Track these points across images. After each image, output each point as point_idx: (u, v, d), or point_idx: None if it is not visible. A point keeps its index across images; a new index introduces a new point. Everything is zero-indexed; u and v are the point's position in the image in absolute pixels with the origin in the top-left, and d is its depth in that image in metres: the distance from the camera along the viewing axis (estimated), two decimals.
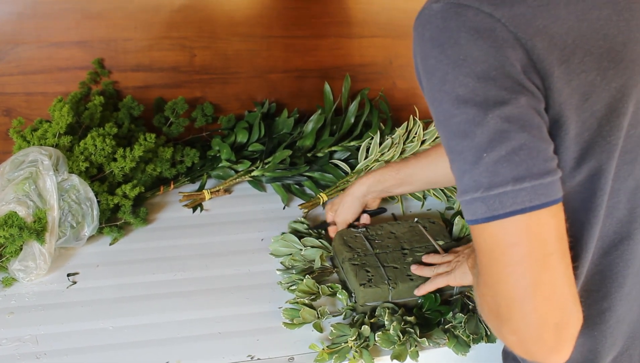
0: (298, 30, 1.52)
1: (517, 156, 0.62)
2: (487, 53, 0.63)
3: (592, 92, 0.65)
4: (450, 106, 0.64)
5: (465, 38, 0.63)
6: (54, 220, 1.14)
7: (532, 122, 0.63)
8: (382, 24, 1.54)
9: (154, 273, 1.16)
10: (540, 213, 0.62)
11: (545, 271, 0.61)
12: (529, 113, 0.63)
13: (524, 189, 0.61)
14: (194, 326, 1.04)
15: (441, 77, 0.65)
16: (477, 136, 0.62)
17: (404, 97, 1.63)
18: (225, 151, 1.44)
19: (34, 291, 1.11)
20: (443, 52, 0.64)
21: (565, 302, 0.62)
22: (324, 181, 1.43)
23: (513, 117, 0.62)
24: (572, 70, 0.64)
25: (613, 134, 0.67)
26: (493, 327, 0.67)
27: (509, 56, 0.63)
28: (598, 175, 0.68)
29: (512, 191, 0.61)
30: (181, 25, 1.45)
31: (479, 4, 0.64)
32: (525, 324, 0.61)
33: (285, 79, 1.57)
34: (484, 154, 0.62)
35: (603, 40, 0.65)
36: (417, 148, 1.40)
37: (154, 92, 1.51)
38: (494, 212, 0.62)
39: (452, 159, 0.66)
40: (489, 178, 0.62)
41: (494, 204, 0.62)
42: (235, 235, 1.27)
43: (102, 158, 1.27)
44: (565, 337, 0.62)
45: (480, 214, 0.63)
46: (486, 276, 0.65)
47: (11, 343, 1.00)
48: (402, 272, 1.07)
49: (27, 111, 1.44)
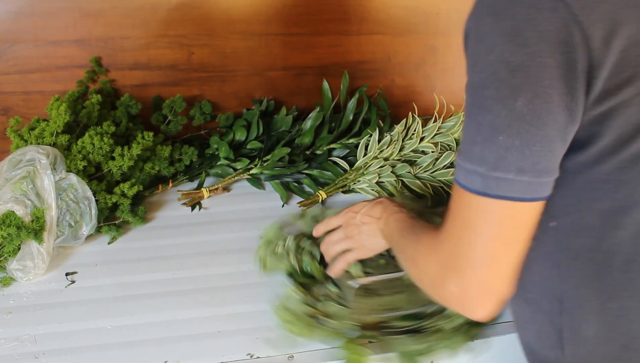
0: (296, 27, 1.51)
1: (528, 150, 0.64)
2: (539, 36, 0.62)
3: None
4: (488, 77, 0.65)
5: (522, 14, 0.63)
6: (52, 219, 1.13)
7: (556, 120, 0.64)
8: (381, 21, 1.54)
9: (152, 272, 1.16)
10: (526, 205, 0.67)
11: (507, 252, 0.69)
12: (557, 110, 0.64)
13: (523, 182, 0.65)
14: (193, 325, 1.03)
15: (489, 46, 0.65)
16: (501, 116, 0.64)
17: (402, 94, 1.63)
18: (224, 149, 1.44)
19: (32, 290, 1.11)
20: (498, 22, 0.64)
21: (509, 279, 0.71)
22: (323, 179, 1.43)
23: (541, 112, 0.63)
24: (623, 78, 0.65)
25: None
26: (434, 278, 0.74)
27: (562, 42, 0.62)
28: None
29: (512, 180, 0.65)
30: (179, 23, 1.45)
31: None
32: (473, 283, 0.70)
33: (283, 76, 1.57)
34: (500, 136, 0.64)
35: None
36: (415, 144, 1.40)
37: (152, 90, 1.51)
38: (488, 190, 0.66)
39: (467, 124, 0.68)
40: (496, 160, 0.65)
41: (490, 184, 0.66)
42: (234, 233, 1.27)
43: (100, 157, 1.27)
44: (496, 304, 0.72)
45: (474, 186, 0.67)
46: (452, 234, 0.72)
47: (9, 343, 0.99)
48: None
49: (25, 110, 1.44)
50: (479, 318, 0.73)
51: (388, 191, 1.36)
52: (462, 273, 0.70)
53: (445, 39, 1.58)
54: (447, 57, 1.61)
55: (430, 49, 1.59)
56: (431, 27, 1.55)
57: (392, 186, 1.36)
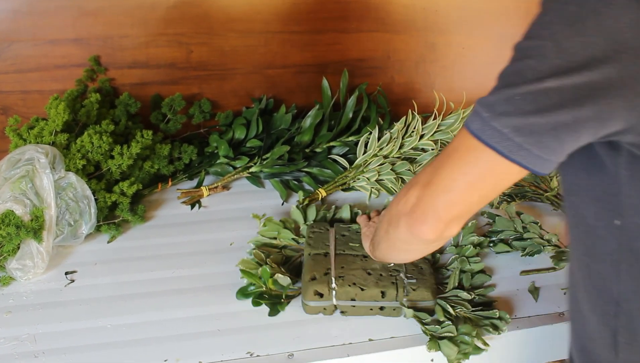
0: (296, 25, 1.51)
1: (540, 119, 0.63)
2: (599, 29, 0.60)
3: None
4: (533, 48, 0.63)
5: (590, 4, 0.60)
6: (52, 218, 1.13)
7: (577, 131, 0.63)
8: (380, 19, 1.54)
9: (152, 271, 1.16)
10: (512, 166, 0.67)
11: (467, 193, 0.71)
12: (583, 125, 0.63)
13: (513, 142, 0.65)
14: (193, 323, 1.03)
15: (547, 21, 0.63)
16: (527, 84, 0.63)
17: (402, 91, 1.62)
18: (223, 147, 1.44)
19: (32, 290, 1.11)
20: (565, 2, 0.62)
21: (458, 219, 0.75)
22: (323, 177, 1.43)
23: (566, 123, 0.62)
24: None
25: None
26: (402, 192, 0.78)
27: (621, 43, 0.60)
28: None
29: (504, 135, 0.65)
30: (178, 21, 1.44)
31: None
32: (428, 201, 0.74)
33: (283, 74, 1.56)
34: (517, 96, 0.63)
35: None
36: (415, 142, 1.39)
37: (151, 89, 1.50)
38: (482, 136, 0.66)
39: (499, 77, 0.67)
40: (504, 110, 0.64)
41: (486, 131, 0.66)
42: (234, 231, 1.27)
43: (99, 156, 1.27)
44: (438, 231, 0.75)
45: (471, 126, 0.68)
46: (436, 159, 0.74)
47: (9, 342, 0.99)
48: (348, 278, 1.05)
49: (24, 109, 1.44)
50: (420, 235, 0.76)
51: (388, 188, 1.36)
52: (424, 188, 0.74)
53: (444, 37, 1.58)
54: (447, 54, 1.60)
55: (429, 47, 1.59)
56: (430, 24, 1.55)
57: (392, 184, 1.36)
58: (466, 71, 1.64)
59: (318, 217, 1.26)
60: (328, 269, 1.06)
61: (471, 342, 0.97)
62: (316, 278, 1.04)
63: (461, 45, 1.60)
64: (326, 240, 1.14)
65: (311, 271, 1.06)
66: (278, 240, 1.20)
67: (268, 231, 1.21)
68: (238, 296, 1.07)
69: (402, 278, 1.05)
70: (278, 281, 1.05)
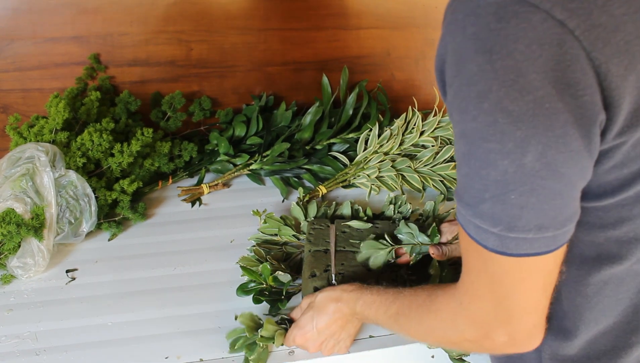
0: (295, 22, 1.51)
1: (547, 205, 0.57)
2: (545, 77, 0.52)
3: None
4: (485, 128, 0.55)
5: (522, 52, 0.52)
6: (52, 216, 1.13)
7: (575, 167, 0.56)
8: (379, 16, 1.54)
9: (153, 268, 1.16)
10: (552, 254, 0.61)
11: (545, 295, 0.65)
12: (575, 157, 0.56)
13: (545, 238, 0.59)
14: (194, 321, 1.03)
15: (481, 91, 0.54)
16: (509, 173, 0.56)
17: (402, 88, 1.62)
18: (224, 144, 1.44)
19: (33, 288, 1.11)
20: (490, 62, 0.53)
21: (544, 315, 0.66)
22: (323, 174, 1.43)
23: (556, 164, 0.55)
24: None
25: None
26: (475, 338, 0.69)
27: (573, 83, 0.52)
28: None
29: (532, 239, 0.58)
30: (177, 19, 1.44)
31: (550, 6, 0.51)
32: (521, 329, 0.65)
33: (282, 71, 1.56)
34: (511, 195, 0.56)
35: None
36: (415, 139, 1.39)
37: (151, 86, 1.50)
38: (508, 250, 0.60)
39: (469, 175, 0.59)
40: (511, 220, 0.58)
41: (509, 244, 0.59)
42: (235, 228, 1.27)
43: (100, 154, 1.27)
44: (543, 333, 0.68)
45: (490, 244, 0.61)
46: (481, 291, 0.66)
47: (10, 340, 0.99)
48: (348, 275, 1.04)
49: (24, 108, 1.44)
50: (530, 350, 0.69)
51: (388, 185, 1.36)
52: (507, 325, 0.65)
53: None
54: None
55: (429, 43, 1.58)
56: (430, 20, 1.55)
57: (392, 181, 1.36)
58: None
59: (319, 214, 1.26)
60: (328, 266, 1.06)
61: None
62: (316, 275, 1.04)
63: None
64: (326, 236, 1.14)
65: (311, 268, 1.06)
66: (278, 237, 1.20)
67: (268, 227, 1.21)
68: (238, 293, 1.07)
69: (402, 275, 1.05)
70: (278, 278, 1.05)
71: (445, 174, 1.35)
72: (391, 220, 1.23)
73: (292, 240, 1.19)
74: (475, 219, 0.60)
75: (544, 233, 0.58)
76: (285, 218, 1.23)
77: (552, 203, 0.57)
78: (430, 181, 1.35)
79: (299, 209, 1.25)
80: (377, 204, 1.34)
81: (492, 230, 0.59)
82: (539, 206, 0.57)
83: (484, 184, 0.58)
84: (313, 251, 1.10)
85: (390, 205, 1.27)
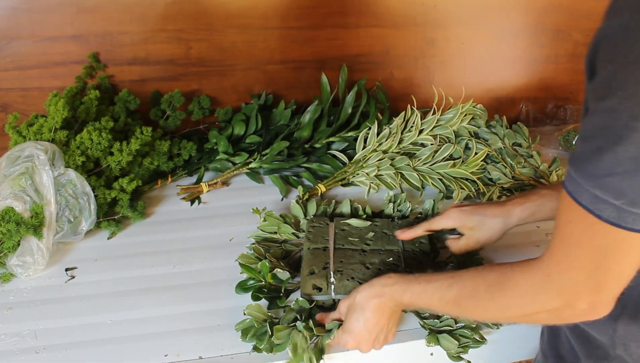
0: (295, 21, 1.51)
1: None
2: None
3: None
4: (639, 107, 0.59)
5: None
6: (51, 215, 1.14)
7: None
8: (379, 14, 1.54)
9: (152, 267, 1.16)
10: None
11: (633, 271, 0.68)
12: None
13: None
14: (193, 318, 1.03)
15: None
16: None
17: (401, 87, 1.62)
18: (223, 143, 1.44)
19: (32, 286, 1.11)
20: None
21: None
22: (322, 172, 1.43)
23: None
24: None
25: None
26: (557, 308, 0.71)
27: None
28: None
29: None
30: (177, 17, 1.44)
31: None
32: (605, 299, 0.69)
33: (282, 70, 1.56)
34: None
35: None
36: (414, 137, 1.39)
37: (150, 85, 1.50)
38: (624, 223, 0.63)
39: (601, 148, 0.62)
40: (636, 196, 0.61)
41: (627, 218, 0.62)
42: (234, 227, 1.27)
43: (99, 152, 1.27)
44: (611, 306, 0.71)
45: (606, 216, 0.64)
46: (579, 261, 0.68)
47: (10, 338, 1.00)
48: (346, 273, 1.05)
49: (23, 106, 1.44)
50: (600, 317, 0.72)
51: (387, 183, 1.36)
52: (594, 295, 0.69)
53: (443, 31, 1.58)
54: (446, 49, 1.60)
55: (428, 42, 1.59)
56: (429, 19, 1.55)
57: (391, 179, 1.36)
58: (465, 66, 1.64)
59: (318, 212, 1.26)
60: (327, 263, 1.06)
61: (470, 335, 0.97)
62: (315, 272, 1.05)
63: (460, 40, 1.60)
64: (325, 234, 1.14)
65: (310, 266, 1.06)
66: (278, 235, 1.20)
67: (268, 225, 1.21)
68: (237, 290, 1.07)
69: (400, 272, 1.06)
70: (277, 275, 1.05)
71: (444, 173, 1.35)
72: (390, 218, 1.24)
73: (292, 237, 1.20)
74: (595, 190, 0.63)
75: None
76: (284, 216, 1.23)
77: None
78: (429, 179, 1.36)
79: (299, 207, 1.25)
80: (376, 203, 1.34)
81: (612, 202, 0.62)
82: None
83: (618, 159, 0.61)
84: (312, 249, 1.10)
85: (390, 203, 1.27)
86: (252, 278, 1.08)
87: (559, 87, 1.73)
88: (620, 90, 0.60)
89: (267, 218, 1.22)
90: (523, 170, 1.38)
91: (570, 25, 1.63)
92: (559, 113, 1.72)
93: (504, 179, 1.36)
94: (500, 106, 1.70)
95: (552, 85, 1.71)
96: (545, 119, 1.73)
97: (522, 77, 1.70)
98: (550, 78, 1.70)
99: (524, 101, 1.72)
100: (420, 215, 1.26)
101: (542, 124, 1.71)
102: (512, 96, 1.71)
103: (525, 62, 1.68)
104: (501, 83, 1.70)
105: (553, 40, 1.64)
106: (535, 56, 1.67)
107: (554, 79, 1.71)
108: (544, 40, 1.64)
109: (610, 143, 0.61)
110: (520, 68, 1.69)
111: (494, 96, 1.69)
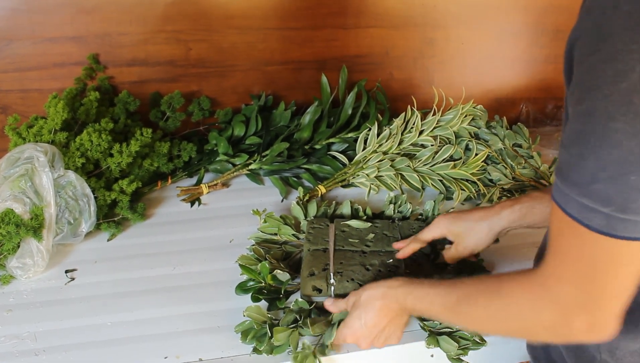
0: (294, 21, 1.51)
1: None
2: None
3: None
4: (616, 107, 0.56)
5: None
6: (51, 217, 1.13)
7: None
8: (378, 15, 1.53)
9: (152, 268, 1.16)
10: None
11: (632, 285, 0.64)
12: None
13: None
14: (193, 320, 1.03)
15: (621, 70, 0.55)
16: (634, 153, 0.56)
17: (401, 87, 1.62)
18: (223, 144, 1.44)
19: (32, 288, 1.11)
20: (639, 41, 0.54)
21: (624, 306, 0.66)
22: (322, 173, 1.43)
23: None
24: None
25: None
26: (553, 323, 0.68)
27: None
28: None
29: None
30: (176, 18, 1.44)
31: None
32: (604, 316, 0.66)
33: (282, 71, 1.56)
34: (632, 176, 0.57)
35: None
36: (415, 138, 1.39)
37: (150, 86, 1.50)
38: (614, 232, 0.60)
39: (583, 155, 0.59)
40: (625, 202, 0.58)
41: (617, 225, 0.60)
42: (234, 228, 1.27)
43: (99, 154, 1.27)
44: (615, 327, 0.67)
45: (595, 225, 0.61)
46: (572, 274, 0.65)
47: (10, 340, 0.99)
48: (346, 274, 1.05)
49: (23, 108, 1.44)
50: (604, 340, 0.69)
51: (387, 185, 1.36)
52: (590, 312, 0.66)
53: (443, 32, 1.57)
54: (445, 49, 1.60)
55: (428, 42, 1.58)
56: (429, 19, 1.55)
57: (391, 180, 1.36)
58: (465, 66, 1.64)
59: (319, 213, 1.26)
60: (327, 264, 1.06)
61: (470, 337, 0.97)
62: (315, 274, 1.04)
63: (460, 40, 1.60)
64: (326, 235, 1.14)
65: (310, 267, 1.06)
66: (278, 236, 1.20)
67: (268, 227, 1.21)
68: (237, 291, 1.07)
69: (400, 274, 1.05)
70: (277, 276, 1.05)
71: (445, 174, 1.35)
72: (391, 220, 1.24)
73: (292, 239, 1.19)
74: (582, 199, 0.61)
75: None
76: (285, 217, 1.23)
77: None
78: (429, 180, 1.35)
79: (299, 208, 1.25)
80: (376, 204, 1.34)
81: (601, 210, 0.60)
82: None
83: (601, 164, 0.58)
84: (312, 250, 1.10)
85: (390, 205, 1.27)
86: (252, 280, 1.07)
87: (559, 87, 1.72)
88: (594, 90, 0.58)
89: (267, 219, 1.22)
90: (523, 171, 1.38)
91: (570, 25, 1.61)
92: (559, 114, 1.72)
93: (505, 180, 1.36)
94: (500, 106, 1.70)
95: (552, 85, 1.71)
96: (545, 119, 1.73)
97: (522, 77, 1.70)
98: (550, 78, 1.70)
99: (524, 102, 1.72)
100: (420, 216, 1.26)
101: (542, 124, 1.71)
102: (512, 97, 1.71)
103: (525, 63, 1.68)
104: (501, 83, 1.69)
105: (553, 40, 1.64)
106: (535, 56, 1.66)
107: (554, 79, 1.70)
108: (544, 41, 1.64)
109: (591, 148, 0.59)
110: (520, 68, 1.69)
111: (493, 96, 1.69)
